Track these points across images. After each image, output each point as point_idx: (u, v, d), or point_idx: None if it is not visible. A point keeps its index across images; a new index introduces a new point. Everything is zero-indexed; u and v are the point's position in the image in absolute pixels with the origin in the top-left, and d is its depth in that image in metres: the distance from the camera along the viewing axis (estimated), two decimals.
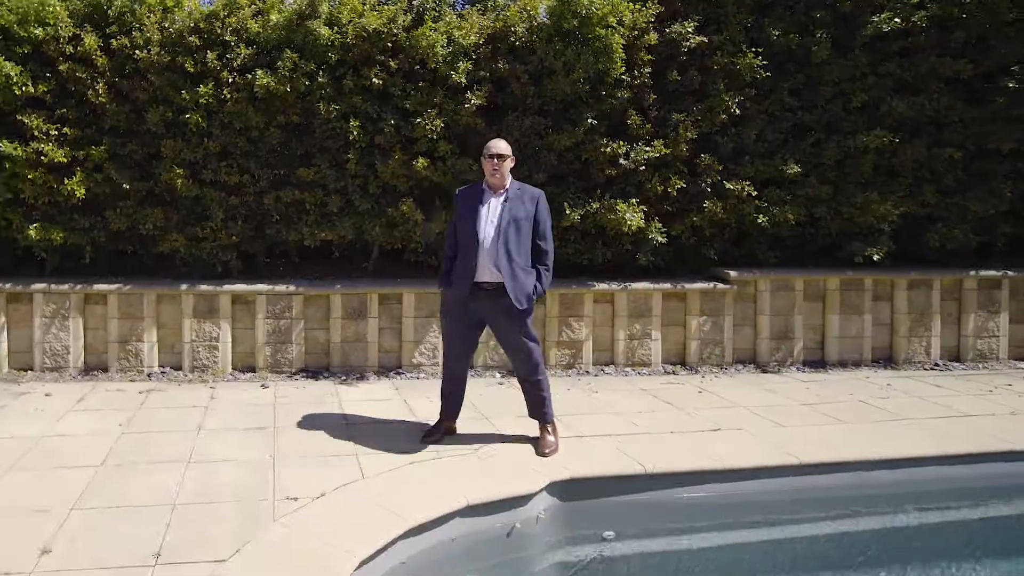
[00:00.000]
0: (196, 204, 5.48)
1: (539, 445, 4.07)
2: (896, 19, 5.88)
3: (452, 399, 4.30)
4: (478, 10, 5.65)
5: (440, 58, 5.21)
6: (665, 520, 3.78)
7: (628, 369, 5.84)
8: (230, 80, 5.20)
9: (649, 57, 5.60)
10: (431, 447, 4.08)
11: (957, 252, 6.38)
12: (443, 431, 4.26)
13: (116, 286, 5.38)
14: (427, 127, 5.21)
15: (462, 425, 4.35)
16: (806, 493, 3.93)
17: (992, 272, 6.33)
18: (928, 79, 6.07)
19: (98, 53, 5.20)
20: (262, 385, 5.23)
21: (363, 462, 3.82)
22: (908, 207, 6.11)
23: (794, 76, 6.05)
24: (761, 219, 5.87)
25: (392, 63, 5.30)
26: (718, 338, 5.97)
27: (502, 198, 4.02)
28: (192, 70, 5.23)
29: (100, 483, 3.49)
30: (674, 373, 5.85)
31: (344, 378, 5.48)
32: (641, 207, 5.57)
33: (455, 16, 5.56)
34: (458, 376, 4.28)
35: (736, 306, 6.02)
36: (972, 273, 6.30)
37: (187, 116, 5.23)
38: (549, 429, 4.13)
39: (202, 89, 5.14)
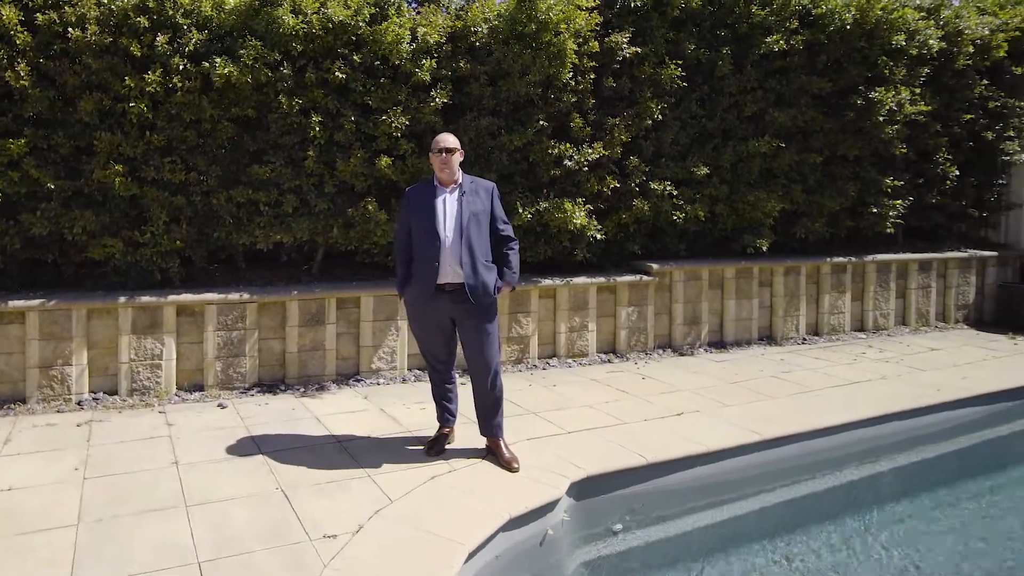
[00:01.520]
0: (133, 205, 4.96)
1: (505, 460, 3.94)
2: (781, 42, 6.57)
3: (448, 405, 4.24)
4: (431, 10, 5.42)
5: (404, 55, 4.93)
6: (666, 506, 4.07)
7: (570, 360, 6.20)
8: (181, 67, 4.71)
9: (592, 64, 5.80)
10: (440, 459, 4.06)
11: (816, 242, 7.43)
12: (445, 440, 4.24)
13: (38, 302, 4.72)
14: (392, 124, 5.05)
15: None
16: (771, 465, 4.52)
17: (840, 258, 7.59)
18: (799, 94, 7.10)
19: (18, 28, 4.47)
20: (219, 405, 4.83)
21: (381, 483, 3.72)
22: (784, 204, 6.94)
23: (700, 87, 6.67)
24: (677, 216, 6.37)
25: (356, 57, 4.96)
26: (642, 326, 6.56)
27: (456, 193, 3.92)
28: (138, 54, 4.66)
29: (91, 548, 3.00)
30: (609, 362, 6.34)
31: (303, 390, 5.24)
32: (587, 206, 5.74)
33: (415, 13, 5.24)
34: (448, 380, 4.24)
35: (656, 296, 6.57)
36: (827, 260, 7.50)
37: (130, 105, 4.69)
38: (504, 441, 4.05)
39: (150, 76, 4.63)
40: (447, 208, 3.86)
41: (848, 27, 6.97)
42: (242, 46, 4.70)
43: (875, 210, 7.60)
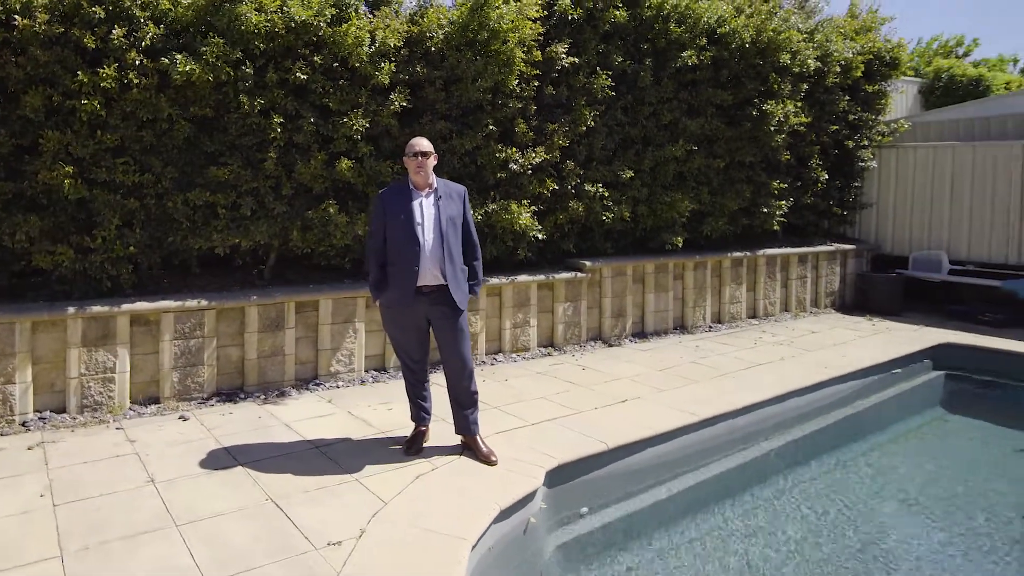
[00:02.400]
0: (81, 209, 4.52)
1: (483, 455, 4.02)
2: (693, 57, 7.10)
3: (423, 403, 4.26)
4: (386, 13, 5.33)
5: (364, 57, 4.85)
6: (624, 486, 4.37)
7: (514, 355, 6.39)
8: (137, 62, 4.35)
9: (535, 72, 5.98)
10: (420, 458, 4.09)
11: (718, 239, 8.15)
12: (423, 438, 4.27)
13: None
14: (353, 126, 4.92)
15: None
16: (706, 442, 4.96)
17: (738, 253, 8.31)
18: (706, 105, 7.66)
19: None
20: (180, 417, 4.55)
21: (370, 486, 3.72)
22: (694, 205, 7.55)
23: (625, 96, 7.01)
24: (606, 216, 6.74)
25: (317, 58, 4.81)
26: (577, 320, 6.86)
27: (432, 197, 3.92)
28: (92, 47, 4.25)
29: None
30: (549, 355, 6.59)
31: (265, 397, 5.07)
32: (532, 207, 5.97)
33: (370, 16, 5.14)
34: (424, 379, 4.27)
35: (588, 292, 6.90)
36: (728, 255, 8.21)
37: (82, 102, 4.26)
38: (480, 436, 4.13)
39: (105, 71, 4.23)
40: (424, 212, 3.85)
41: (747, 45, 7.62)
42: (202, 43, 4.40)
43: (765, 210, 8.40)
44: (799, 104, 8.36)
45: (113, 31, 4.24)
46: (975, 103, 10.60)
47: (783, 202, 8.56)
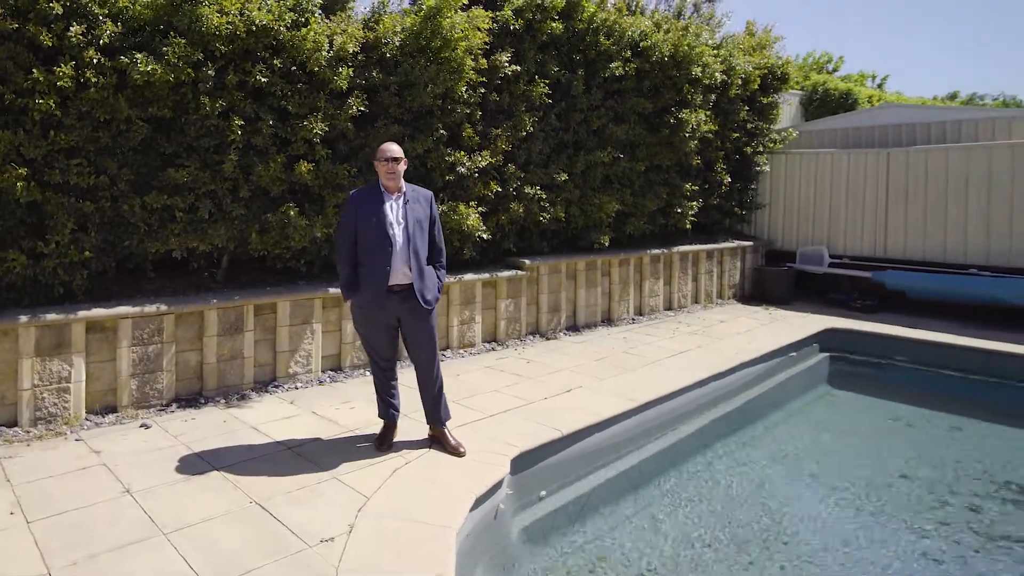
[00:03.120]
0: (33, 212, 4.20)
1: (452, 447, 4.13)
2: (619, 67, 7.53)
3: (392, 400, 4.30)
4: (342, 18, 5.28)
5: (322, 61, 4.80)
6: (576, 469, 4.62)
7: (461, 351, 6.53)
8: (95, 61, 4.07)
9: (481, 79, 6.11)
10: (392, 453, 4.16)
11: (639, 237, 8.67)
12: (392, 434, 4.32)
13: None
14: (313, 130, 4.84)
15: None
16: (644, 425, 5.30)
17: (656, 251, 8.87)
18: (630, 113, 8.07)
19: None
20: (142, 425, 4.35)
21: (350, 483, 3.76)
22: (620, 206, 8.02)
23: (559, 103, 7.27)
24: (543, 216, 7.04)
25: (276, 61, 4.70)
26: (517, 316, 7.09)
27: (401, 200, 4.00)
28: (49, 44, 3.95)
29: None
30: (493, 350, 6.77)
31: (225, 401, 4.92)
32: (478, 208, 6.15)
33: (328, 21, 5.09)
34: (393, 376, 4.31)
35: (527, 289, 7.15)
36: (647, 252, 8.72)
37: (37, 101, 3.96)
38: (448, 429, 4.24)
39: (62, 69, 3.95)
40: (395, 214, 3.93)
41: (665, 58, 8.05)
42: (161, 42, 4.18)
43: (679, 210, 8.92)
44: (708, 113, 8.94)
45: (71, 28, 3.96)
46: (847, 115, 11.79)
47: (694, 203, 9.14)
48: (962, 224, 8.96)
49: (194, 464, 3.90)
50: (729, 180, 9.87)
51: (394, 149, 3.97)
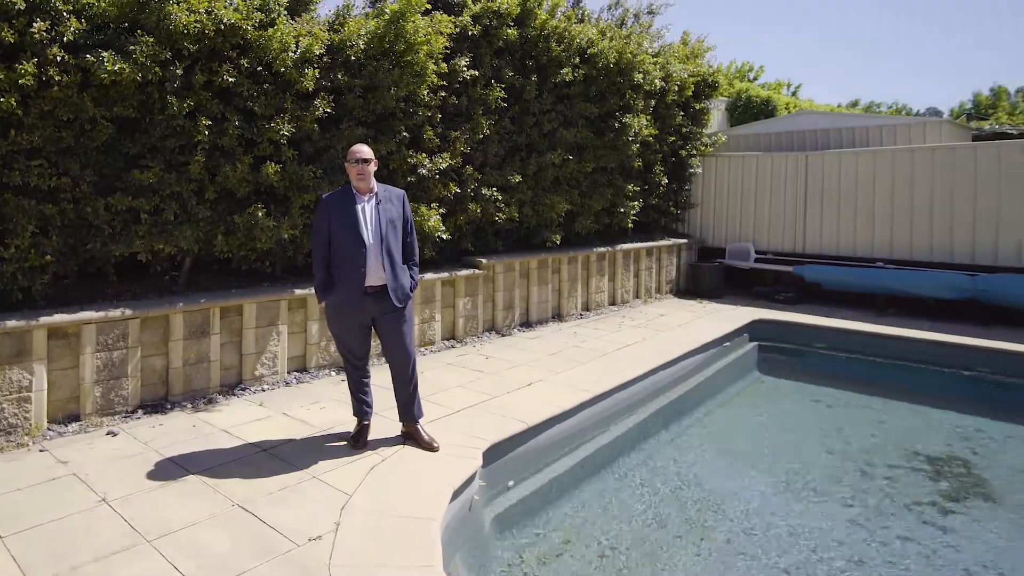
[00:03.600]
0: None
1: (425, 443, 4.13)
2: (569, 73, 7.71)
3: (365, 398, 4.27)
4: (306, 19, 5.15)
5: (289, 62, 4.70)
6: (541, 459, 4.73)
7: (423, 349, 6.55)
8: (59, 58, 3.83)
9: (442, 83, 6.11)
10: (367, 451, 4.14)
11: (586, 236, 8.90)
12: (367, 432, 4.29)
13: None
14: (280, 131, 4.73)
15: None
16: (600, 413, 5.45)
17: (601, 248, 9.08)
18: (578, 117, 8.24)
19: None
20: (109, 433, 4.15)
21: (330, 481, 3.73)
22: (569, 206, 8.22)
23: (513, 107, 7.36)
24: (499, 217, 7.13)
25: (243, 61, 4.54)
26: (475, 314, 7.14)
27: (373, 201, 3.97)
28: (11, 40, 3.71)
29: None
30: (453, 347, 6.80)
31: (192, 405, 4.75)
32: (440, 209, 6.18)
33: (294, 22, 4.97)
34: (366, 375, 4.28)
35: (483, 287, 7.22)
36: (594, 250, 8.93)
37: None
38: (421, 425, 4.24)
39: (24, 67, 3.70)
40: (367, 215, 3.89)
41: (611, 65, 8.24)
42: (127, 40, 3.94)
43: (622, 210, 9.16)
44: (648, 118, 9.23)
45: (34, 24, 3.69)
46: (769, 121, 12.47)
47: (635, 203, 9.40)
48: (870, 221, 9.58)
49: (169, 470, 3.76)
50: (666, 181, 10.24)
51: (364, 150, 3.92)
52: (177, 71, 4.36)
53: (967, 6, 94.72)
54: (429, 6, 5.79)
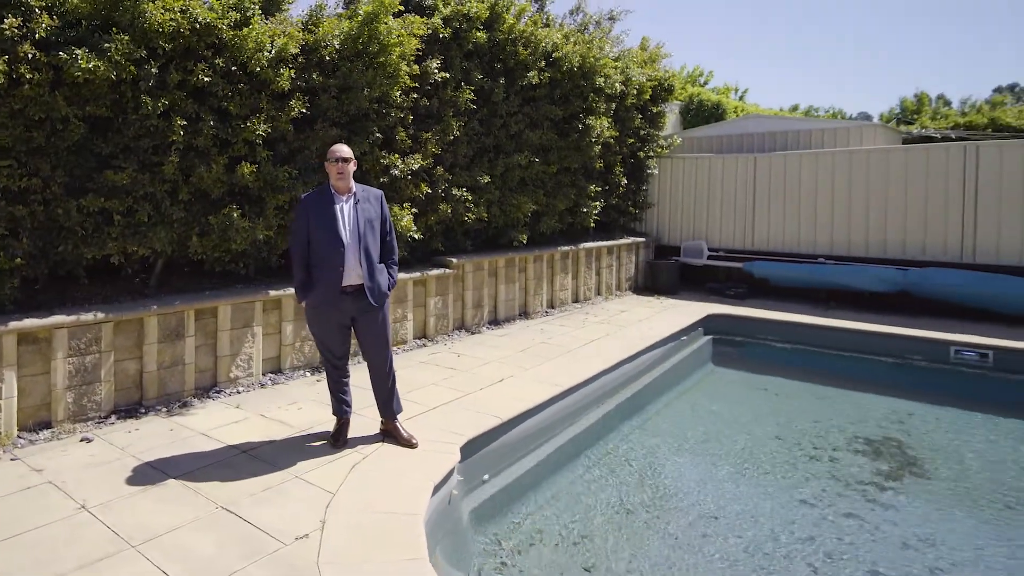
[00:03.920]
0: None
1: (404, 439, 4.12)
2: (536, 76, 7.77)
3: (344, 397, 4.23)
4: (279, 19, 5.04)
5: (264, 62, 4.61)
6: (514, 452, 4.77)
7: (395, 348, 6.55)
8: (31, 56, 3.65)
9: (414, 85, 6.09)
10: (348, 449, 4.11)
11: (550, 235, 8.99)
12: (347, 430, 4.26)
13: None
14: (256, 131, 4.63)
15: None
16: (569, 407, 5.52)
17: (565, 247, 9.17)
18: (543, 119, 8.30)
19: None
20: (83, 439, 4.00)
21: (312, 480, 3.69)
22: (535, 206, 8.30)
23: (482, 109, 7.37)
24: (468, 217, 7.16)
25: (218, 61, 4.42)
26: (445, 312, 7.14)
27: (352, 201, 3.93)
28: None
29: None
30: (424, 346, 6.80)
31: (168, 409, 4.62)
32: (412, 209, 6.17)
33: (269, 21, 4.86)
34: (345, 374, 4.24)
35: (453, 286, 7.23)
36: (558, 249, 9.03)
37: None
38: (400, 422, 4.23)
39: None
40: (346, 215, 3.86)
41: (575, 68, 8.30)
42: (100, 38, 3.77)
43: (584, 209, 9.27)
44: (609, 120, 9.35)
45: (5, 20, 3.51)
46: (720, 124, 12.83)
47: (597, 203, 9.52)
48: (812, 220, 9.94)
49: (148, 474, 3.65)
50: (625, 182, 10.42)
51: (344, 150, 3.89)
52: (152, 70, 4.21)
53: (893, 19, 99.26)
54: (402, 8, 5.76)
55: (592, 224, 9.72)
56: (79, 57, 3.78)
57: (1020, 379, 6.75)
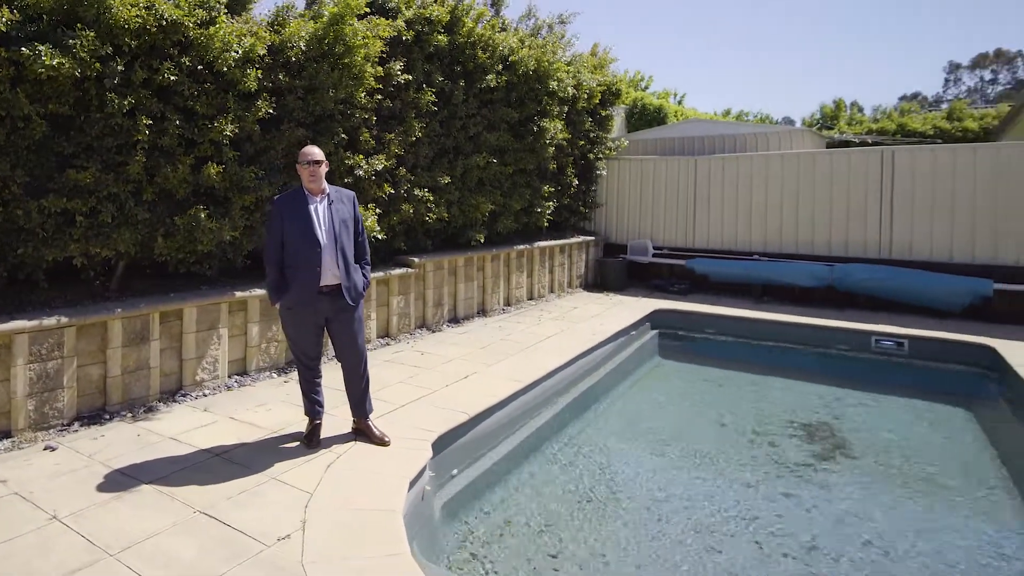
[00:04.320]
0: None
1: (377, 438, 4.11)
2: (494, 79, 7.83)
3: (317, 398, 4.19)
4: (244, 19, 4.88)
5: (231, 62, 4.47)
6: (481, 446, 4.82)
7: None
8: None
9: (378, 86, 6.03)
10: (322, 449, 4.07)
11: (507, 235, 9.07)
12: (319, 430, 4.25)
13: None
14: (224, 131, 4.48)
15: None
16: (530, 401, 5.60)
17: (520, 246, 9.28)
18: (500, 121, 8.35)
19: None
20: (47, 448, 3.81)
21: (289, 481, 3.64)
22: (492, 206, 8.36)
23: (442, 111, 7.37)
24: (429, 217, 7.15)
25: (185, 60, 4.25)
26: (407, 311, 7.11)
27: (325, 202, 3.90)
28: None
29: None
30: (388, 344, 6.75)
31: (133, 415, 4.44)
32: (376, 210, 6.11)
33: (235, 20, 4.70)
34: (318, 375, 4.20)
35: (415, 285, 7.20)
36: (514, 248, 9.11)
37: None
38: (372, 421, 4.21)
39: None
40: (321, 216, 3.83)
41: (530, 72, 8.37)
42: (64, 33, 3.56)
43: (539, 209, 9.34)
44: (562, 123, 9.44)
45: None
46: (663, 127, 13.18)
47: (551, 203, 9.63)
48: (748, 219, 10.34)
49: (120, 481, 3.51)
50: (577, 183, 10.61)
51: (316, 152, 3.85)
52: (118, 67, 4.00)
53: (813, 28, 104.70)
54: (368, 10, 5.69)
55: (546, 224, 9.84)
56: (42, 53, 3.56)
57: (931, 365, 7.31)
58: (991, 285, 8.14)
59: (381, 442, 4.13)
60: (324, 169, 3.89)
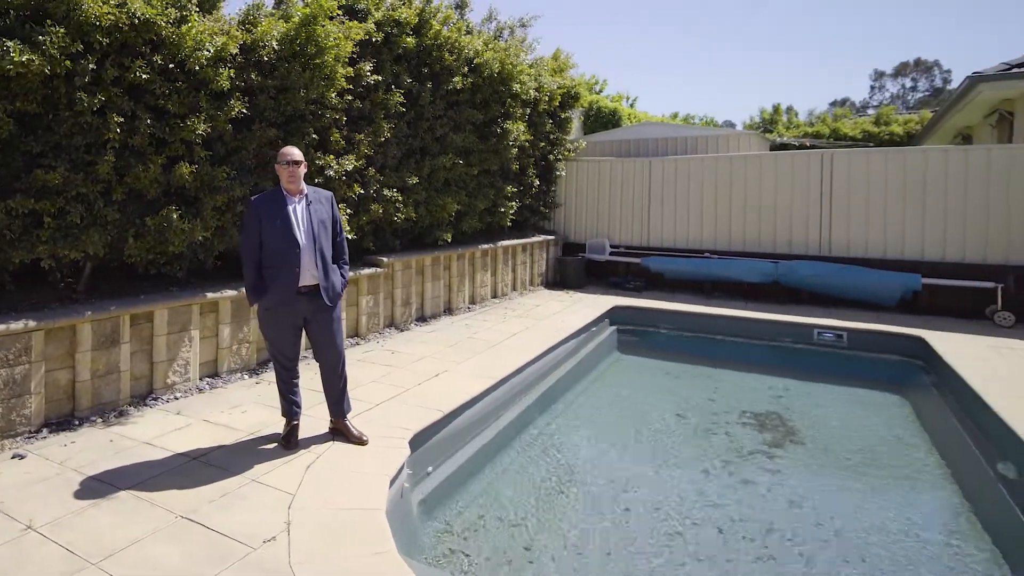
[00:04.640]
0: None
1: (355, 437, 4.09)
2: (460, 81, 7.83)
3: (294, 398, 4.14)
4: (214, 18, 4.72)
5: (203, 60, 4.34)
6: (454, 444, 4.83)
7: None
8: None
9: (349, 87, 5.94)
10: (300, 449, 4.03)
11: (472, 234, 9.09)
12: (297, 431, 4.20)
13: None
14: (196, 130, 4.35)
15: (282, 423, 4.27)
16: (500, 398, 5.63)
17: (485, 245, 9.30)
18: (466, 123, 8.34)
19: None
20: (15, 456, 3.66)
21: (269, 483, 3.59)
22: (458, 206, 8.37)
23: (410, 112, 7.32)
24: (398, 217, 7.11)
25: (157, 58, 4.10)
26: (377, 311, 7.05)
27: (304, 202, 3.86)
28: None
29: None
30: (358, 344, 6.68)
31: (103, 420, 4.28)
32: (347, 210, 6.04)
33: (206, 19, 4.55)
34: (295, 375, 4.16)
35: (384, 284, 7.15)
36: (479, 247, 9.11)
37: None
38: (349, 421, 4.20)
39: None
40: (299, 216, 3.78)
41: (495, 74, 8.38)
42: (33, 30, 3.38)
43: (502, 209, 9.38)
44: (525, 124, 9.48)
45: None
46: (618, 130, 13.43)
47: (513, 203, 9.67)
48: (699, 218, 10.61)
49: (96, 488, 3.38)
50: (538, 183, 10.72)
51: (295, 153, 3.80)
52: (89, 65, 3.83)
53: (753, 34, 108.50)
54: (340, 12, 5.60)
55: (508, 223, 9.90)
56: (10, 50, 3.38)
57: (868, 355, 7.74)
58: (920, 280, 8.68)
59: (359, 441, 4.10)
60: (303, 170, 3.84)
